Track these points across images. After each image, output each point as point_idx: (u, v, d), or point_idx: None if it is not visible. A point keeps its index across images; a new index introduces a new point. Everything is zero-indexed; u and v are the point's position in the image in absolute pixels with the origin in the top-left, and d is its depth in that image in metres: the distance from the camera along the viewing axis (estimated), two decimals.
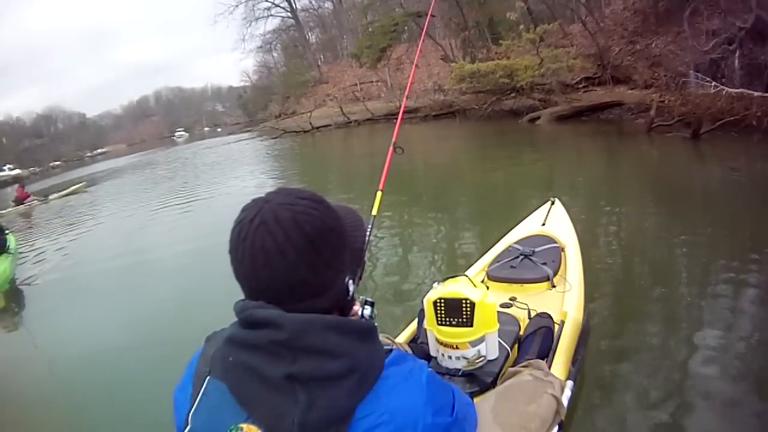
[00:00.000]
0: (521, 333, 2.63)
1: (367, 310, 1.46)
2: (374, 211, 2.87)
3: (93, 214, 14.53)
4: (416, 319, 2.83)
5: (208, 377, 0.95)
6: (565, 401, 2.15)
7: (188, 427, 0.94)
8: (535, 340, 2.55)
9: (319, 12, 57.58)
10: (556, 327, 2.74)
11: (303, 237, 0.90)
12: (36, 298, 7.27)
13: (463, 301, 2.26)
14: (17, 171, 52.75)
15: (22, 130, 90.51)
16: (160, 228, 10.62)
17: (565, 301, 3.05)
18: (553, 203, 4.41)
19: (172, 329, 4.75)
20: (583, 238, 5.28)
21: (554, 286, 3.24)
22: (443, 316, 2.31)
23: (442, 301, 2.30)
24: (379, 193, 2.86)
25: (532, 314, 2.81)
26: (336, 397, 0.85)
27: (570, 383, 2.34)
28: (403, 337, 2.82)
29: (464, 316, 2.28)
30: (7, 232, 8.70)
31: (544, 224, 4.12)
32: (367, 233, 1.31)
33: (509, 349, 2.47)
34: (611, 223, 6.55)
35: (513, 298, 3.05)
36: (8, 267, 8.01)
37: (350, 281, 1.03)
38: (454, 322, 2.30)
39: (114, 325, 5.48)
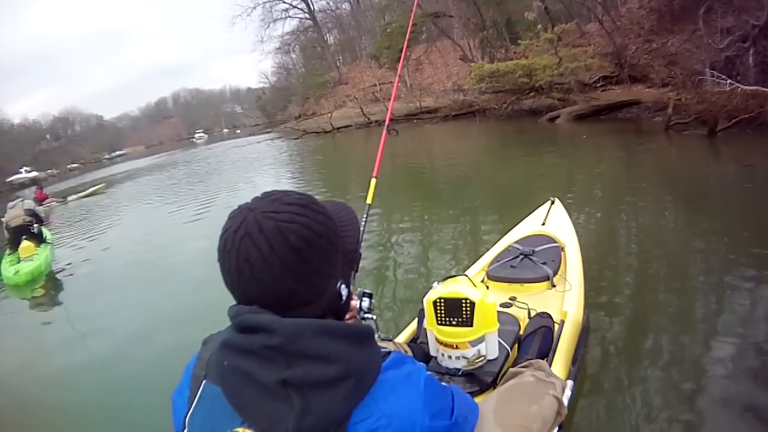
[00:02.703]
0: (521, 333, 2.62)
1: (366, 302, 1.49)
2: (369, 200, 2.87)
3: (113, 214, 14.79)
4: (416, 319, 2.85)
5: (204, 381, 0.96)
6: (565, 401, 2.15)
7: (185, 431, 0.96)
8: (535, 340, 2.55)
9: (337, 13, 57.59)
10: (556, 327, 2.74)
11: (288, 247, 0.88)
12: (68, 285, 8.02)
13: (463, 301, 2.27)
14: (34, 173, 52.71)
15: (38, 132, 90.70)
16: (182, 228, 10.63)
17: (565, 300, 3.05)
18: (553, 203, 4.41)
19: (185, 330, 4.66)
20: (590, 236, 5.30)
21: (554, 286, 3.24)
22: (443, 315, 2.31)
23: (442, 300, 2.30)
24: (373, 180, 2.83)
25: (532, 314, 2.81)
26: (331, 401, 0.84)
27: (570, 383, 2.33)
28: (403, 337, 2.83)
29: (464, 316, 2.28)
30: (44, 224, 9.34)
31: (544, 224, 4.12)
32: (362, 224, 1.26)
33: (509, 349, 2.47)
34: (622, 221, 6.52)
35: (513, 298, 3.06)
36: (48, 254, 8.73)
37: (343, 285, 1.00)
38: (454, 322, 2.30)
39: (126, 322, 5.62)
